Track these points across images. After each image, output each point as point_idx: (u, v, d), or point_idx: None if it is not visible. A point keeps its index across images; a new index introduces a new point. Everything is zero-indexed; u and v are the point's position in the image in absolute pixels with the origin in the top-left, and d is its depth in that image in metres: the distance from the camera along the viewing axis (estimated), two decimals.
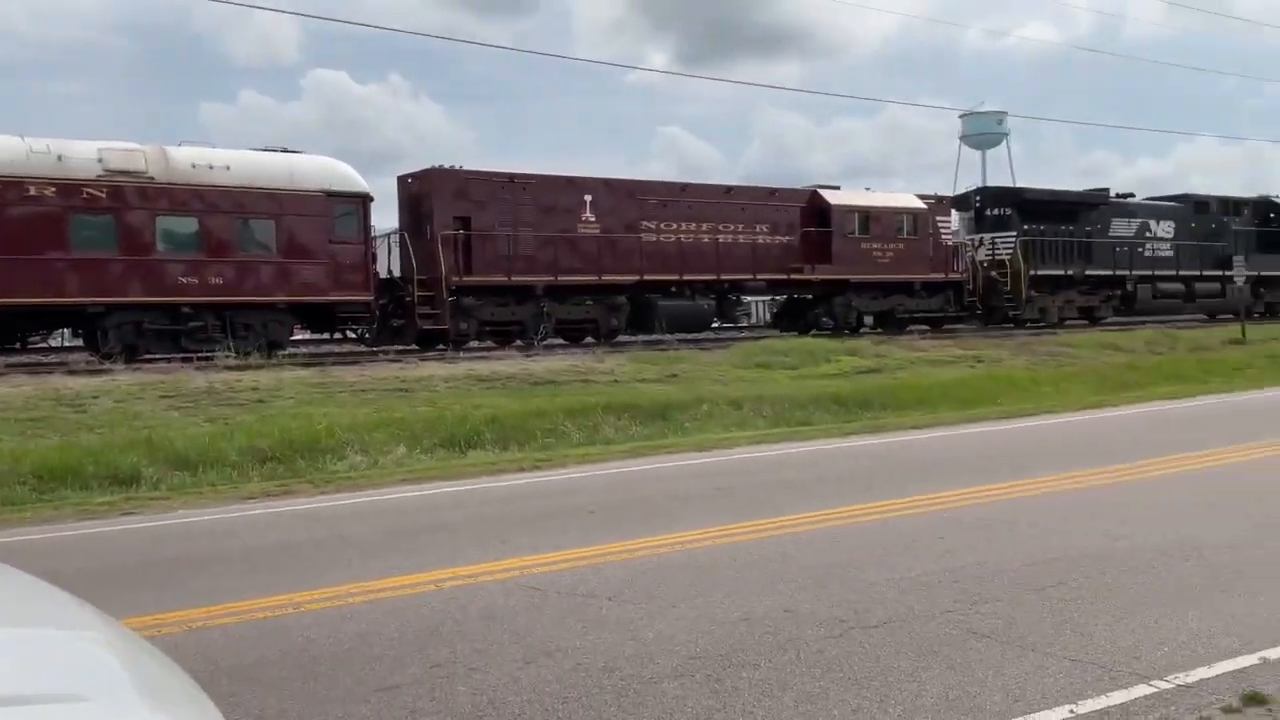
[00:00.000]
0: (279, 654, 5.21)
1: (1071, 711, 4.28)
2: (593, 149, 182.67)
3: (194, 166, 19.03)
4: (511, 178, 22.90)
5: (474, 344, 22.46)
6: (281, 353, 19.84)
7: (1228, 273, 31.08)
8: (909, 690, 4.56)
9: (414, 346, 21.86)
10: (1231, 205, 35.91)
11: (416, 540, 7.88)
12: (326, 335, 22.80)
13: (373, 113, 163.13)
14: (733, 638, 5.28)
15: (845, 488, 9.71)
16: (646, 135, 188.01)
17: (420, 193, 22.49)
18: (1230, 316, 32.23)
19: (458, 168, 22.84)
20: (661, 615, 5.67)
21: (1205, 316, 34.41)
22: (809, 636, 5.29)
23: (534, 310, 22.75)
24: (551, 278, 22.75)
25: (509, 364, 18.71)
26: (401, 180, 23.22)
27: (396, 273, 22.32)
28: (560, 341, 23.45)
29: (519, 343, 22.51)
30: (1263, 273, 34.60)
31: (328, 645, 5.32)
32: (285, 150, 20.61)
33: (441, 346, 21.69)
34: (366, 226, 21.06)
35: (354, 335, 22.05)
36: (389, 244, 22.88)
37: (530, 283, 22.56)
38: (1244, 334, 27.49)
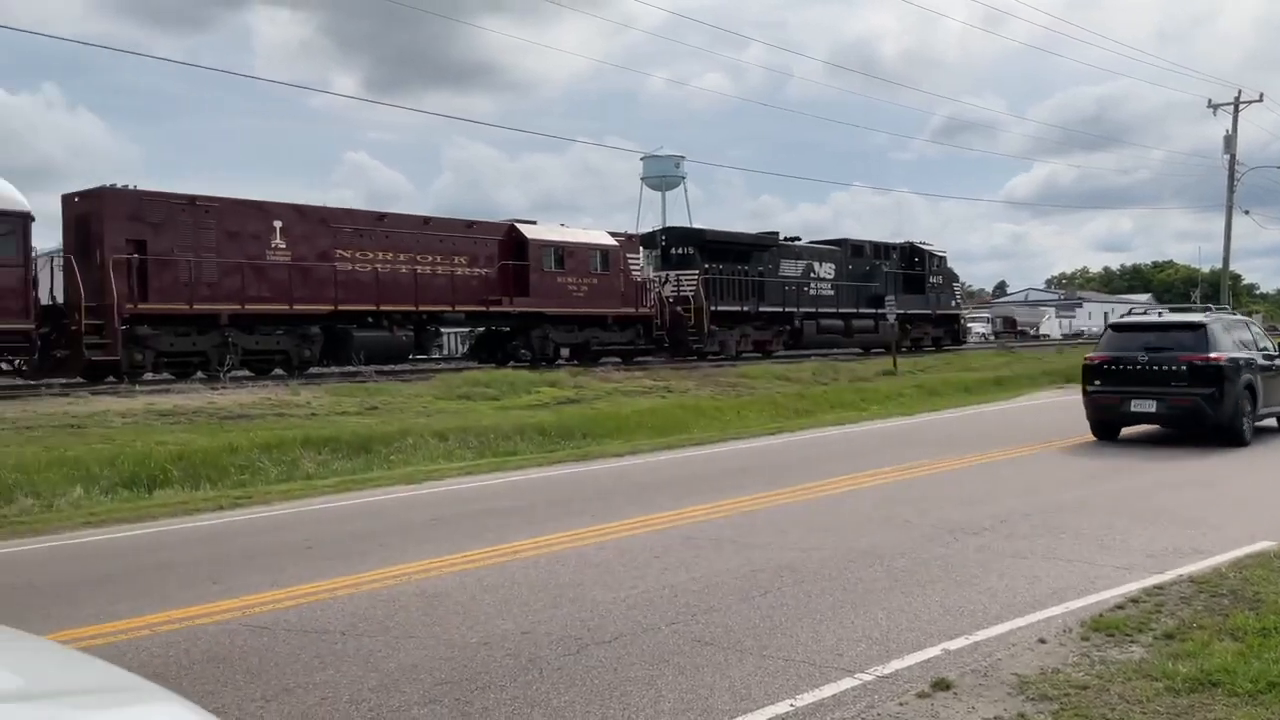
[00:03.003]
0: None
1: (792, 705, 4.73)
2: (275, 172, 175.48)
3: None
4: (193, 200, 21.64)
5: (149, 376, 20.96)
6: None
7: (880, 311, 34.49)
8: (648, 697, 4.86)
9: (80, 379, 20.10)
10: (883, 250, 39.89)
11: (119, 585, 7.35)
12: None
13: (23, 124, 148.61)
14: (475, 662, 5.38)
15: (560, 513, 9.99)
16: (332, 161, 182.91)
17: (88, 213, 20.75)
18: (882, 350, 35.72)
19: (131, 187, 21.27)
20: (400, 645, 5.67)
21: (861, 350, 37.89)
22: (548, 655, 5.49)
23: (218, 340, 21.55)
24: (238, 306, 21.67)
25: (193, 398, 17.65)
26: (67, 199, 21.31)
27: (60, 299, 20.45)
28: (247, 374, 22.34)
29: (201, 375, 21.24)
30: (909, 311, 38.67)
31: None
32: None
33: (112, 379, 20.09)
34: (27, 248, 19.17)
35: (9, 367, 19.94)
36: (51, 268, 20.93)
37: (214, 311, 21.37)
38: (895, 366, 30.58)
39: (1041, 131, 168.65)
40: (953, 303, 43.31)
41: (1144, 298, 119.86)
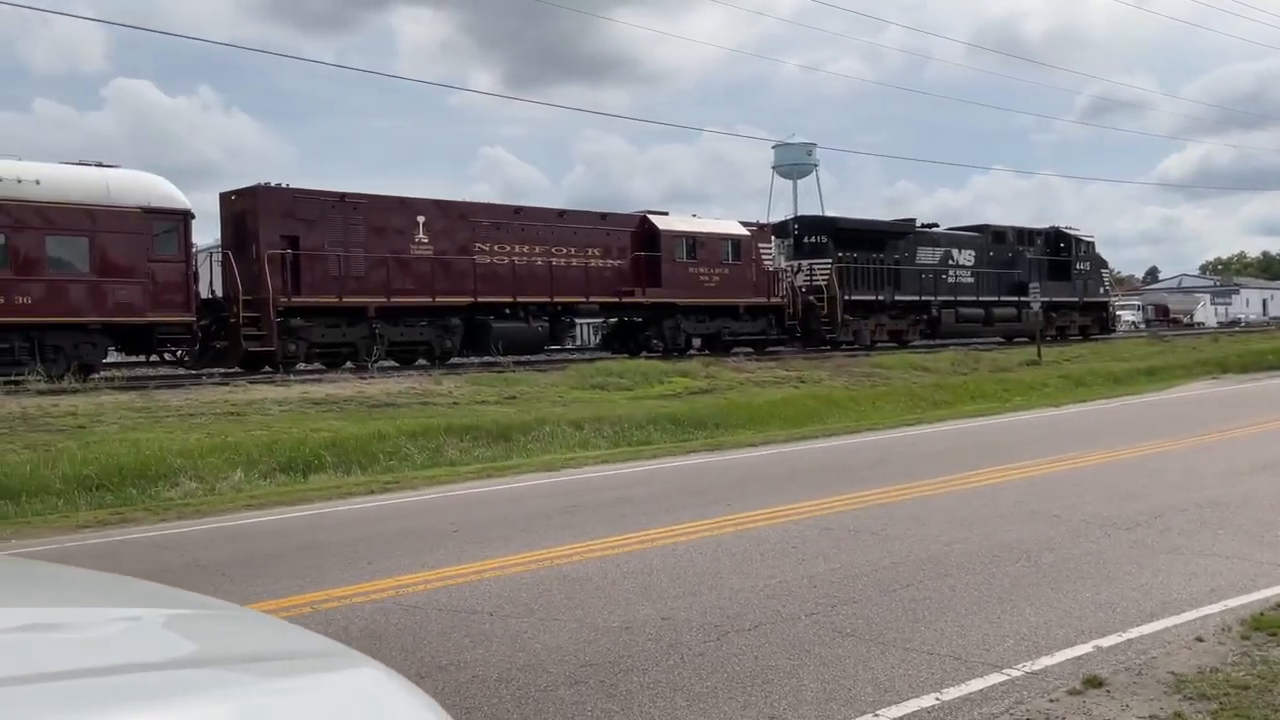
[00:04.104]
0: None
1: (938, 699, 4.69)
2: (415, 168, 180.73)
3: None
4: (342, 197, 22.50)
5: (302, 366, 21.90)
6: (95, 376, 18.87)
7: (1023, 298, 33.46)
8: (790, 686, 4.88)
9: (238, 369, 21.16)
10: (1026, 235, 38.63)
11: (279, 564, 7.75)
12: (142, 358, 21.70)
13: (182, 125, 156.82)
14: (618, 645, 5.50)
15: (695, 502, 10.06)
16: (469, 156, 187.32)
17: (245, 210, 21.81)
18: (1025, 339, 34.65)
19: (284, 185, 22.25)
20: (545, 627, 5.83)
21: (1002, 339, 36.83)
22: (689, 641, 5.56)
23: (366, 332, 22.38)
24: (384, 299, 22.45)
25: (343, 386, 18.37)
26: (224, 197, 22.45)
27: (219, 292, 21.56)
28: (392, 364, 23.13)
29: (350, 365, 22.09)
30: (1054, 298, 37.39)
31: None
32: (100, 165, 19.63)
33: (268, 369, 21.08)
34: (188, 244, 20.28)
35: (172, 358, 21.14)
36: (210, 262, 22.09)
37: (362, 304, 22.20)
38: (1039, 355, 29.66)
39: (1196, 110, 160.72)
40: (1101, 290, 41.70)
41: None
